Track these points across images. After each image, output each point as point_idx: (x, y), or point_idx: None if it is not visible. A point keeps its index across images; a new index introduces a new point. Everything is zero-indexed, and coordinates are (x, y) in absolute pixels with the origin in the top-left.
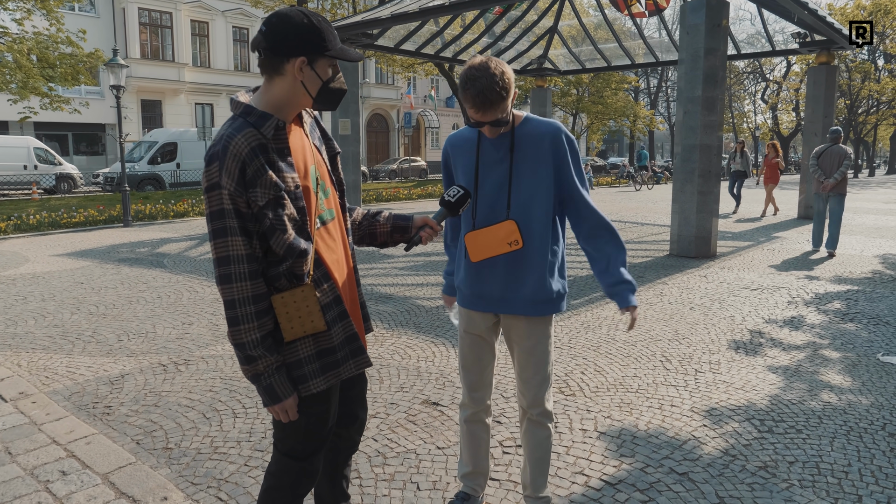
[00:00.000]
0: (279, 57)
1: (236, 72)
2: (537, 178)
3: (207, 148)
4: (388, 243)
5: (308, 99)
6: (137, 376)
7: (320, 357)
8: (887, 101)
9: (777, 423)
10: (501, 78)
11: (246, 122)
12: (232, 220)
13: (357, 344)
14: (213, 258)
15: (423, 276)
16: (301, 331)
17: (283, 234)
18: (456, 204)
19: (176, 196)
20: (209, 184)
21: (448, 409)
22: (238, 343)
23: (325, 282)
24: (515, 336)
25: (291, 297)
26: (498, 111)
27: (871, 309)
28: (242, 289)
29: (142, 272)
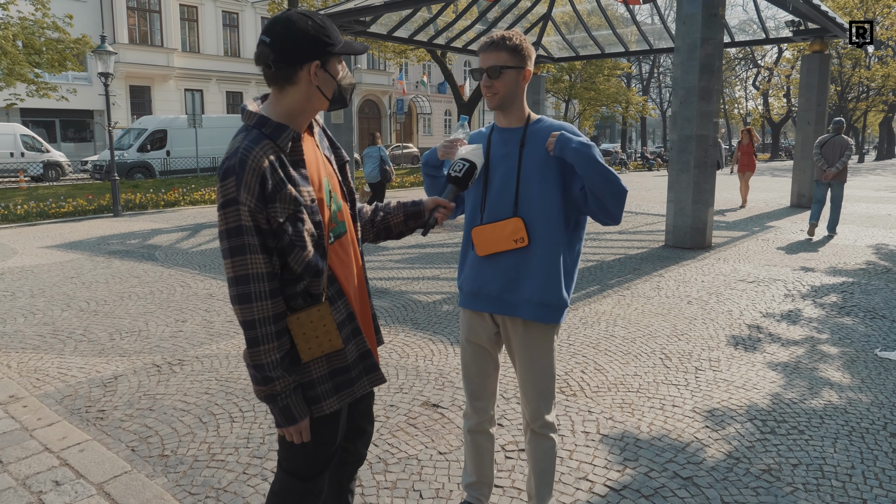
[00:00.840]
0: (292, 66)
1: (226, 57)
2: (544, 178)
3: (222, 161)
4: (405, 232)
5: (324, 102)
6: (131, 378)
7: (333, 377)
8: (877, 87)
9: (779, 424)
10: (517, 37)
11: (261, 133)
12: (252, 237)
13: (370, 360)
14: (230, 276)
15: (419, 269)
16: (319, 351)
17: (303, 250)
18: (464, 178)
19: (166, 184)
20: (225, 199)
21: (448, 412)
22: (257, 364)
23: (339, 299)
24: (515, 345)
25: (308, 318)
26: (496, 56)
27: (866, 302)
28: (263, 308)
29: (133, 265)
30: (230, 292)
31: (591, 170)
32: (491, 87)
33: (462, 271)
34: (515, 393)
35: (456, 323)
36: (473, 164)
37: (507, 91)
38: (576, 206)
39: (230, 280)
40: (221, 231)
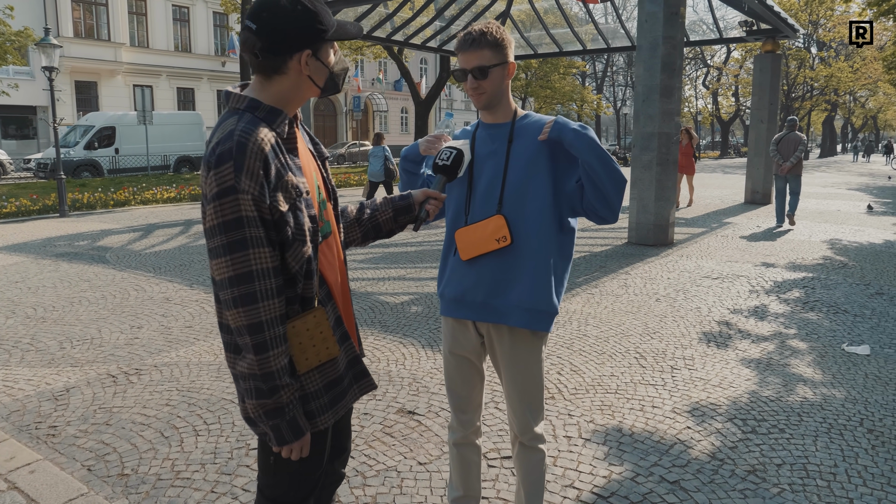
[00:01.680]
0: (280, 56)
1: (176, 52)
2: (534, 174)
3: (209, 148)
4: (395, 229)
5: (315, 90)
6: (84, 390)
7: (329, 389)
8: (820, 87)
9: (759, 423)
10: (493, 29)
11: (255, 117)
12: (256, 228)
13: (360, 367)
14: (227, 277)
15: (384, 269)
16: (316, 360)
17: (303, 245)
18: (453, 165)
19: (115, 183)
20: (221, 188)
21: (425, 419)
22: (267, 372)
23: (329, 302)
24: (501, 354)
25: (303, 325)
26: (480, 56)
27: (828, 297)
28: (271, 308)
29: (83, 268)
30: (225, 295)
31: (591, 154)
32: (478, 88)
33: (443, 277)
34: (493, 397)
35: (426, 325)
36: (461, 150)
37: (493, 89)
38: (569, 205)
39: (227, 280)
40: (215, 226)
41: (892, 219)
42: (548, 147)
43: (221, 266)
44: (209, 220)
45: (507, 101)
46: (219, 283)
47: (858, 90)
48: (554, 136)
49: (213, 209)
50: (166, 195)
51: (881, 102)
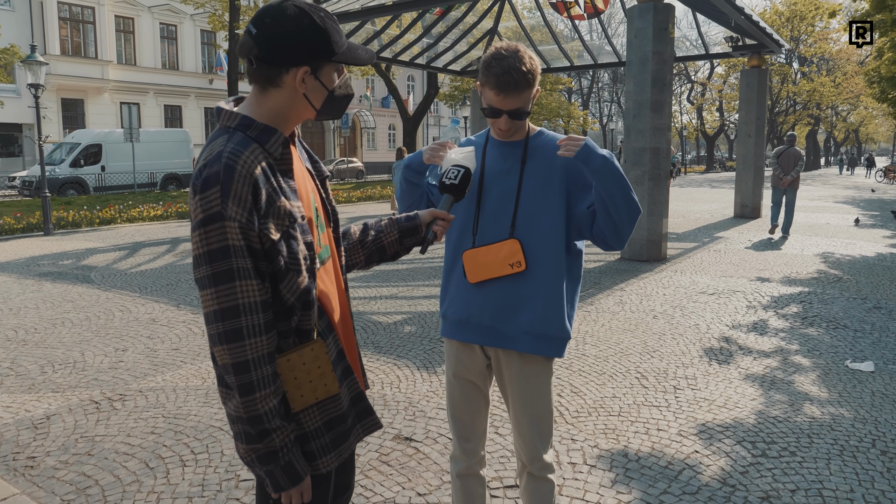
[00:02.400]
0: (276, 68)
1: (164, 70)
2: (547, 194)
3: (196, 170)
4: (400, 252)
5: (311, 111)
6: (66, 417)
7: (330, 428)
8: (803, 102)
9: (769, 446)
10: (530, 63)
11: (247, 136)
12: (243, 259)
13: (363, 404)
14: (213, 310)
15: (375, 288)
16: (313, 397)
17: (297, 275)
18: (461, 185)
19: (101, 201)
20: (207, 215)
21: (423, 445)
22: (253, 416)
23: (329, 334)
24: (508, 380)
25: (300, 359)
26: (520, 99)
27: (826, 312)
28: (258, 346)
29: (66, 288)
30: (211, 330)
31: (615, 184)
32: (511, 126)
33: (446, 297)
34: (492, 421)
35: (421, 345)
36: (468, 169)
37: (524, 122)
38: (577, 229)
39: (213, 314)
40: (200, 255)
41: (881, 231)
42: (564, 168)
43: (207, 298)
44: (194, 247)
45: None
46: (205, 316)
47: (840, 104)
48: (581, 158)
49: (199, 237)
50: (153, 213)
51: (863, 116)
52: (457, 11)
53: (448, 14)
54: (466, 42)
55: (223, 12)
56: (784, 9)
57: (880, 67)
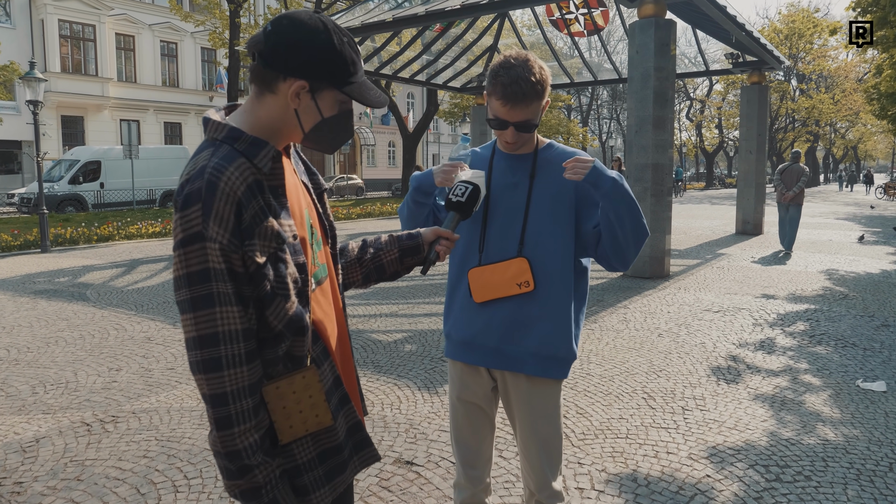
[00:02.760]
0: (274, 71)
1: (164, 87)
2: (557, 211)
3: (178, 185)
4: (400, 272)
5: (299, 133)
6: (56, 440)
7: (324, 460)
8: (802, 119)
9: (783, 470)
10: (540, 73)
11: (234, 150)
12: (223, 283)
13: (361, 434)
14: (192, 337)
15: (375, 305)
16: (303, 429)
17: (286, 301)
18: (468, 203)
19: (100, 218)
20: (186, 235)
21: (424, 469)
22: (231, 451)
23: (325, 360)
24: (516, 403)
25: (290, 387)
26: (528, 110)
27: (834, 330)
28: (238, 377)
29: (61, 306)
30: (191, 357)
31: (625, 207)
32: (518, 139)
33: (450, 316)
34: (496, 444)
35: (421, 364)
36: (477, 186)
37: (532, 135)
38: (583, 246)
39: (192, 341)
40: (181, 276)
41: (884, 248)
42: (574, 182)
43: (186, 324)
44: (174, 269)
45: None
46: (185, 342)
47: (839, 121)
48: (590, 182)
49: (178, 258)
50: (151, 230)
51: (861, 133)
52: (457, 28)
53: (448, 31)
54: (466, 59)
55: (223, 30)
56: (782, 27)
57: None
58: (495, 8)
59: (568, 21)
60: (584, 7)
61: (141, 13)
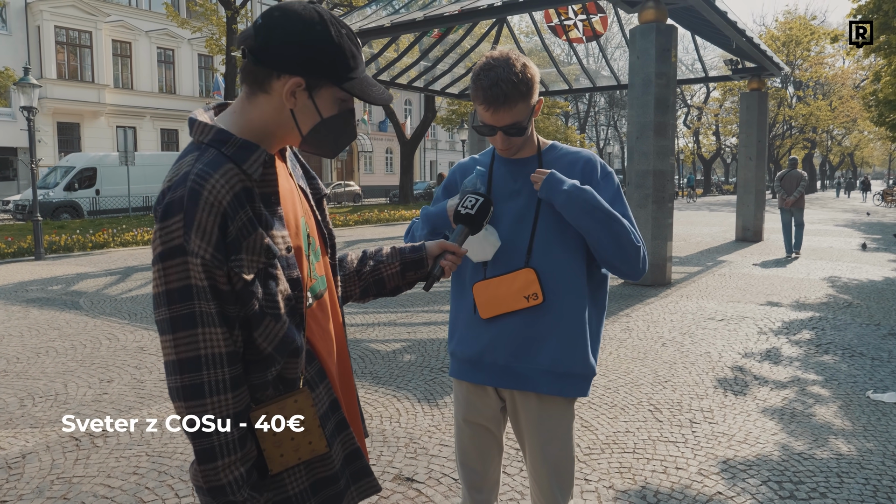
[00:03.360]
0: (266, 68)
1: (161, 94)
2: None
3: (159, 193)
4: (401, 287)
5: (296, 135)
6: (43, 455)
7: (317, 491)
8: (799, 126)
9: (797, 486)
10: (522, 71)
11: (221, 154)
12: (206, 302)
13: (360, 463)
14: (171, 360)
15: (373, 314)
16: (295, 458)
17: (276, 321)
18: (477, 216)
19: (95, 225)
20: (166, 248)
21: (425, 486)
22: (214, 487)
23: (321, 382)
24: (525, 424)
25: (279, 411)
26: (514, 112)
27: (840, 339)
28: (221, 405)
29: (53, 315)
30: (170, 382)
31: (587, 220)
32: (510, 145)
33: (455, 333)
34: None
35: (421, 375)
36: (487, 198)
37: (525, 137)
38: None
39: (171, 365)
40: (160, 294)
41: (886, 255)
42: (583, 182)
43: (165, 346)
44: (153, 285)
45: (531, 136)
46: (164, 365)
47: (836, 128)
48: (543, 197)
49: (157, 273)
50: (147, 237)
51: (858, 140)
52: (455, 35)
53: (446, 37)
54: (464, 65)
55: (220, 36)
56: (779, 34)
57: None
58: (494, 13)
59: (566, 27)
60: (583, 13)
61: (138, 20)
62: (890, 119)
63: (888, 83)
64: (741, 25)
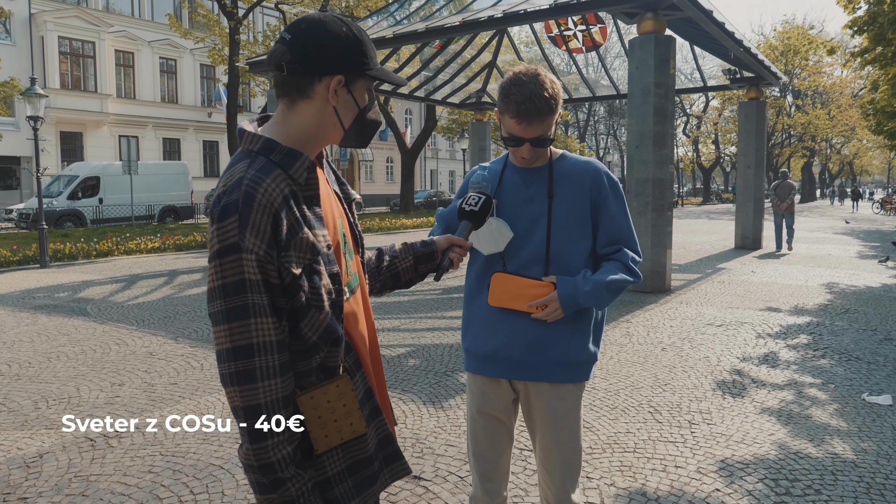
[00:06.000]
0: (308, 75)
1: (163, 104)
2: (577, 226)
3: (214, 197)
4: (415, 279)
5: (339, 131)
6: (59, 455)
7: (354, 472)
8: (798, 134)
9: (793, 483)
10: (552, 87)
11: (270, 161)
12: (259, 295)
13: (392, 447)
14: (226, 348)
15: (378, 320)
16: (338, 438)
17: (320, 312)
18: (480, 212)
19: (98, 233)
20: (223, 246)
21: (432, 484)
22: (265, 464)
23: (357, 371)
24: (538, 412)
25: (324, 396)
26: (543, 126)
27: (837, 343)
28: (272, 389)
29: (62, 322)
30: (223, 369)
31: (598, 302)
32: (535, 155)
33: (468, 332)
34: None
35: (426, 379)
36: (489, 196)
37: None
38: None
39: (225, 352)
40: (215, 287)
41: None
42: (588, 193)
43: (219, 335)
44: (209, 280)
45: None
46: (216, 354)
47: (835, 137)
48: (567, 312)
49: (214, 269)
50: (150, 245)
51: (857, 148)
52: (455, 45)
53: (447, 47)
54: (465, 75)
55: (223, 46)
56: (778, 43)
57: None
58: (494, 25)
59: (566, 38)
60: (582, 24)
61: (140, 30)
62: (888, 128)
63: (885, 92)
64: (738, 36)
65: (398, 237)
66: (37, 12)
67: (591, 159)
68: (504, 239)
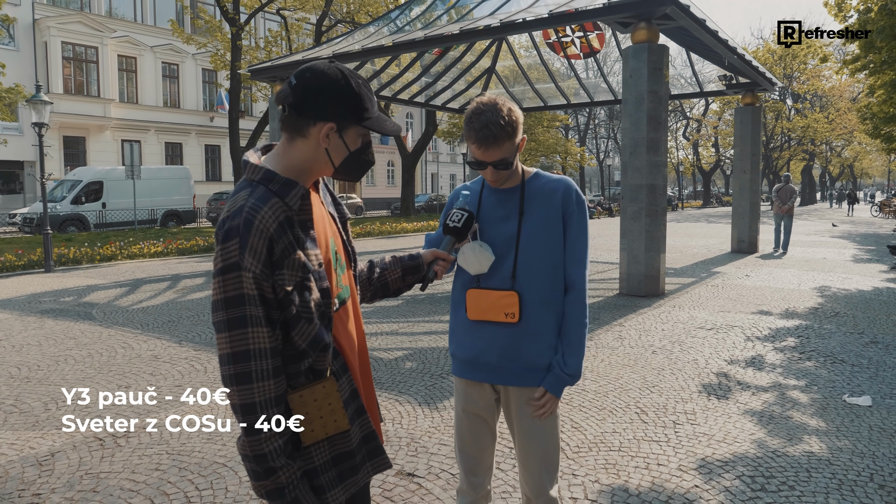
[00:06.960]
0: (305, 118)
1: (165, 108)
2: (547, 240)
3: (220, 221)
4: (402, 289)
5: (330, 168)
6: (70, 454)
7: (337, 463)
8: (797, 138)
9: (768, 480)
10: (508, 115)
11: (269, 190)
12: (255, 307)
13: (374, 443)
14: (226, 353)
15: (376, 324)
16: (323, 433)
17: (309, 323)
18: (463, 228)
19: (102, 238)
20: (226, 264)
21: (426, 481)
22: (258, 454)
23: (344, 374)
24: (515, 412)
25: (311, 395)
26: (502, 150)
27: (823, 346)
28: (265, 389)
29: (68, 325)
30: (224, 371)
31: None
32: (499, 177)
33: (454, 337)
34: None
35: (421, 381)
36: (472, 213)
37: (513, 169)
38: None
39: (226, 357)
40: (218, 300)
41: (877, 266)
42: (560, 209)
43: (221, 341)
44: (213, 293)
45: (516, 168)
46: (219, 358)
47: (834, 140)
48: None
49: (217, 284)
50: (153, 249)
51: (857, 151)
52: (455, 51)
53: (446, 54)
54: (465, 81)
55: (225, 52)
56: (776, 47)
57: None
58: (492, 34)
59: (564, 44)
60: (580, 31)
61: (143, 35)
62: (885, 132)
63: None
64: (732, 44)
65: (399, 241)
66: (40, 18)
67: (563, 177)
68: (487, 262)
